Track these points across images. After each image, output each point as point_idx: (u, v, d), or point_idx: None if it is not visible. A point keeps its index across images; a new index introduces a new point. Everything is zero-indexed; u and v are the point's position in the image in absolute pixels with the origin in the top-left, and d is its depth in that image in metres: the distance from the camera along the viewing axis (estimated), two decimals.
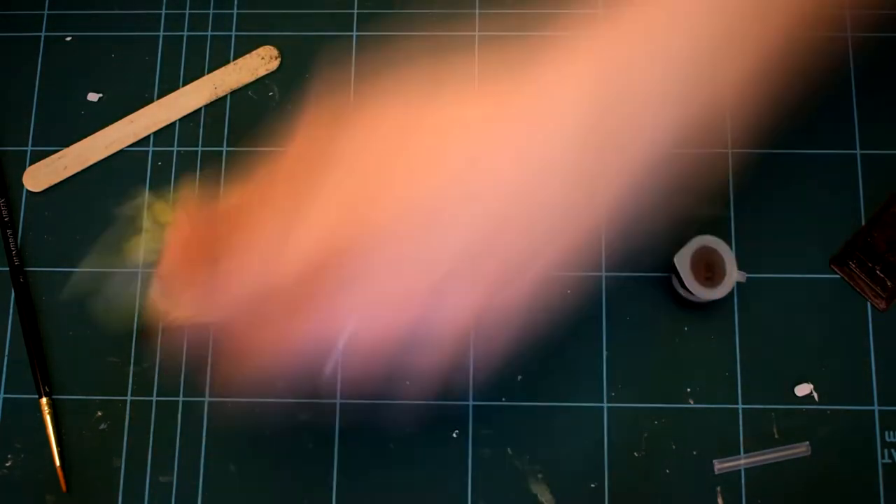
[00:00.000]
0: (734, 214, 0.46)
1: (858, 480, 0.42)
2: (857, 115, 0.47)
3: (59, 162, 0.48)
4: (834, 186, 0.46)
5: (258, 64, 0.49)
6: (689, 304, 0.44)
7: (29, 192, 0.47)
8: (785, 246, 0.45)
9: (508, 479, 0.43)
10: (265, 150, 0.48)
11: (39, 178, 0.48)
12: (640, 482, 0.43)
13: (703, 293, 0.41)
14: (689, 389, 0.44)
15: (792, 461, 0.43)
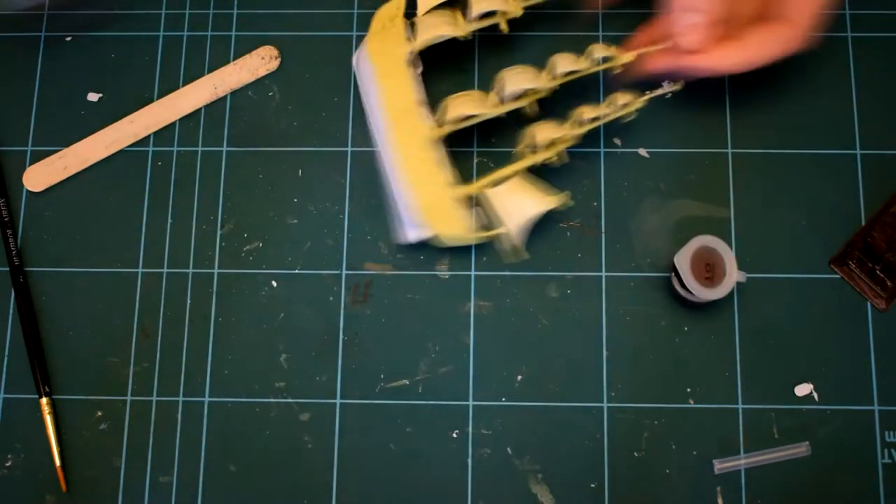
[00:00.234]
0: (734, 214, 0.46)
1: (858, 480, 0.42)
2: (857, 115, 0.47)
3: (59, 162, 0.48)
4: (834, 186, 0.46)
5: (258, 64, 0.49)
6: (689, 304, 0.44)
7: (29, 192, 0.47)
8: (785, 246, 0.45)
9: (508, 479, 0.43)
10: (265, 150, 0.48)
11: (39, 178, 0.48)
12: (640, 482, 0.43)
13: (703, 293, 0.41)
14: (689, 389, 0.44)
15: (792, 461, 0.43)
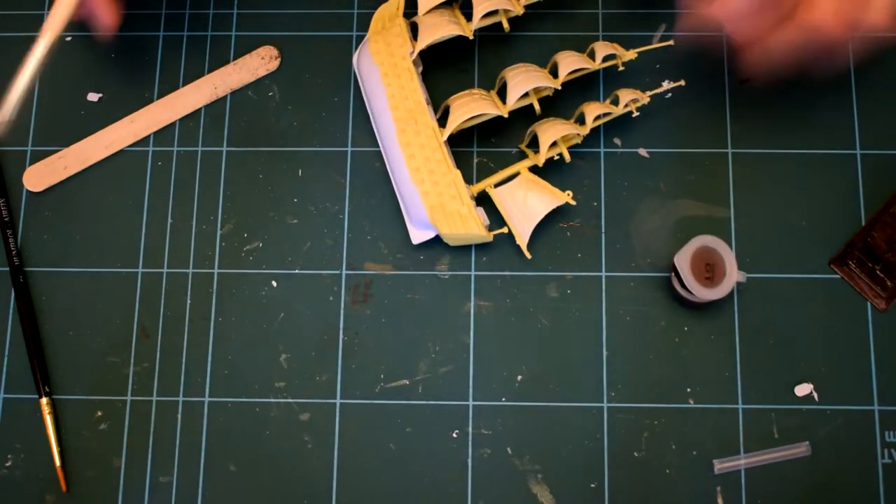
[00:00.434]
0: (734, 214, 0.46)
1: (858, 480, 0.42)
2: (857, 115, 0.47)
3: (59, 162, 0.48)
4: (834, 186, 0.46)
5: (258, 64, 0.49)
6: (689, 304, 0.44)
7: (29, 192, 0.47)
8: (785, 246, 0.45)
9: (508, 479, 0.43)
10: (265, 150, 0.48)
11: (39, 178, 0.48)
12: (640, 482, 0.43)
13: (703, 293, 0.41)
14: (689, 389, 0.44)
15: (792, 461, 0.43)
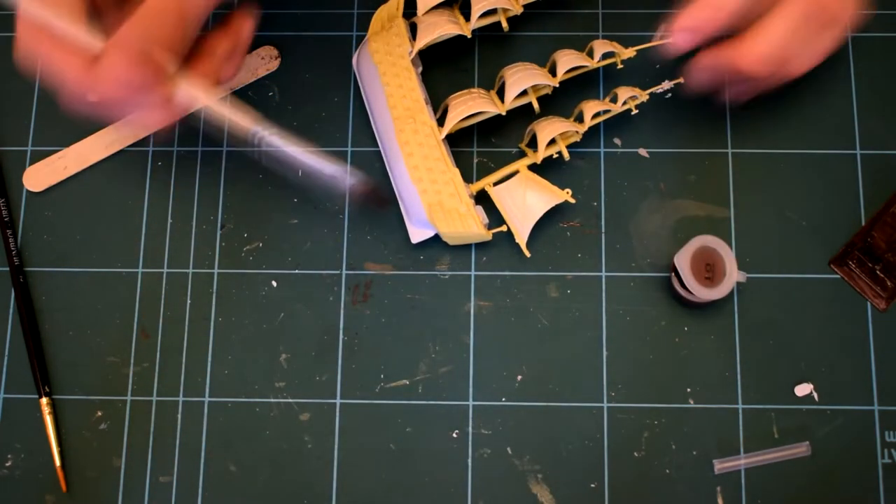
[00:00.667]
0: (734, 214, 0.46)
1: (858, 480, 0.42)
2: (857, 115, 0.47)
3: (59, 162, 0.48)
4: (834, 186, 0.46)
5: (258, 64, 0.49)
6: (689, 304, 0.44)
7: (29, 192, 0.47)
8: (785, 246, 0.45)
9: (508, 479, 0.43)
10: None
11: (39, 178, 0.47)
12: (640, 482, 0.43)
13: (703, 293, 0.41)
14: (689, 389, 0.44)
15: (792, 461, 0.43)
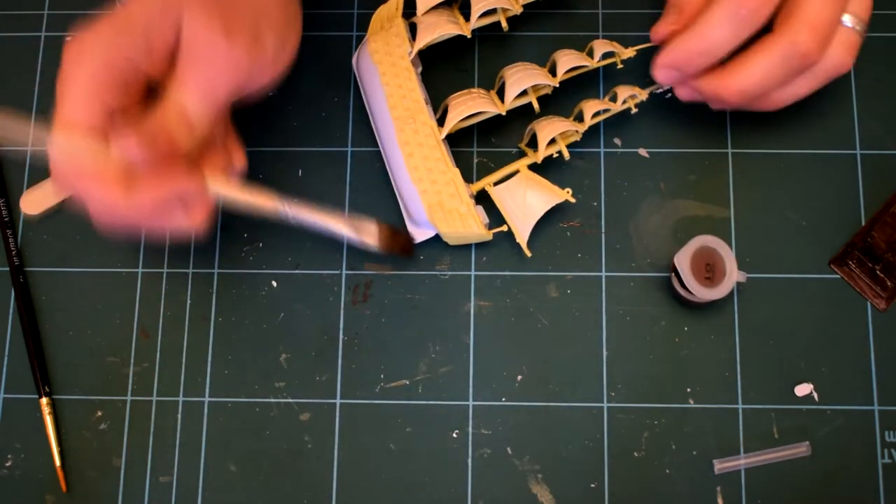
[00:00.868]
0: (734, 214, 0.46)
1: (858, 480, 0.42)
2: (857, 115, 0.47)
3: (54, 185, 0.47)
4: (834, 186, 0.46)
5: None
6: (689, 304, 0.44)
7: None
8: (785, 246, 0.45)
9: (508, 479, 0.43)
10: (265, 150, 0.48)
11: (36, 201, 0.47)
12: (640, 482, 0.43)
13: (703, 293, 0.41)
14: (689, 389, 0.44)
15: (792, 461, 0.43)
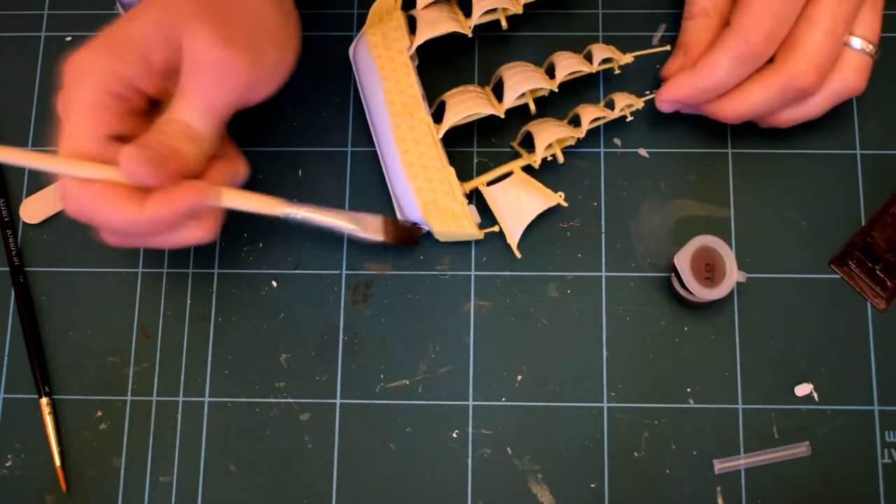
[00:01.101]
0: (734, 214, 0.46)
1: (858, 480, 0.42)
2: (857, 115, 0.47)
3: (57, 192, 0.46)
4: (834, 186, 0.46)
5: None
6: (689, 304, 0.44)
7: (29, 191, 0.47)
8: (785, 246, 0.45)
9: (508, 479, 0.43)
10: (265, 150, 0.48)
11: (36, 211, 0.47)
12: (640, 482, 0.43)
13: (703, 293, 0.41)
14: (689, 389, 0.44)
15: (792, 461, 0.43)
